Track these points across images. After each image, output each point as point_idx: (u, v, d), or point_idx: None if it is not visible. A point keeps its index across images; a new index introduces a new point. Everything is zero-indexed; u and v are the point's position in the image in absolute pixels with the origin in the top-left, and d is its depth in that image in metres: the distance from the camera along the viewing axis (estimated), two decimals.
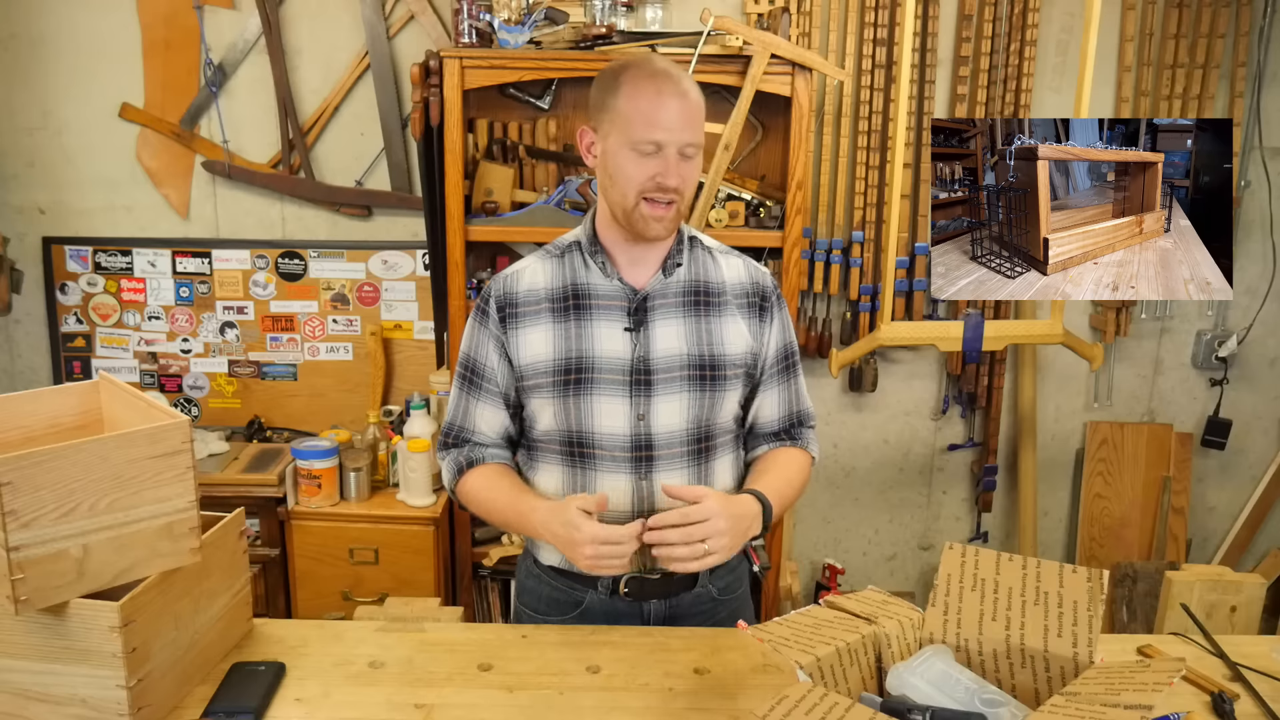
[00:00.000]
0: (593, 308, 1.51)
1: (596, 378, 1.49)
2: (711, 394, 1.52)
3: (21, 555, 1.17)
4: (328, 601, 2.68)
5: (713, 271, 1.57)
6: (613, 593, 1.56)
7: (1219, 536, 3.25)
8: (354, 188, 2.91)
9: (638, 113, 1.41)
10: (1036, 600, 1.23)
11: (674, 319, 1.52)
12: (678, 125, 1.41)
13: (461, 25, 2.44)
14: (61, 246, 2.96)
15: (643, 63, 1.46)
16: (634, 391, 1.50)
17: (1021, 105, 2.81)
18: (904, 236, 2.88)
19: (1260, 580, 1.89)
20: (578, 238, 1.57)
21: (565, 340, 1.51)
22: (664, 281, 1.53)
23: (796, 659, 1.15)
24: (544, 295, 1.53)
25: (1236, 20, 2.83)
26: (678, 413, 1.51)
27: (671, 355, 1.51)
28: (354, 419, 2.96)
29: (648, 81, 1.42)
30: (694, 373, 1.51)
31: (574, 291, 1.52)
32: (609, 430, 1.50)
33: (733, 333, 1.55)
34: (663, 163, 1.42)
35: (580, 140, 1.52)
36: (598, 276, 1.52)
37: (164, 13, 2.79)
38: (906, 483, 3.20)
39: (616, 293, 1.52)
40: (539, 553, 1.62)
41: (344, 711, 1.32)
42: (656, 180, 1.42)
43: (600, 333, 1.50)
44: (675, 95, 1.42)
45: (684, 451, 1.53)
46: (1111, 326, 3.01)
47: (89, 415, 1.50)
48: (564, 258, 1.55)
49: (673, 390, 1.51)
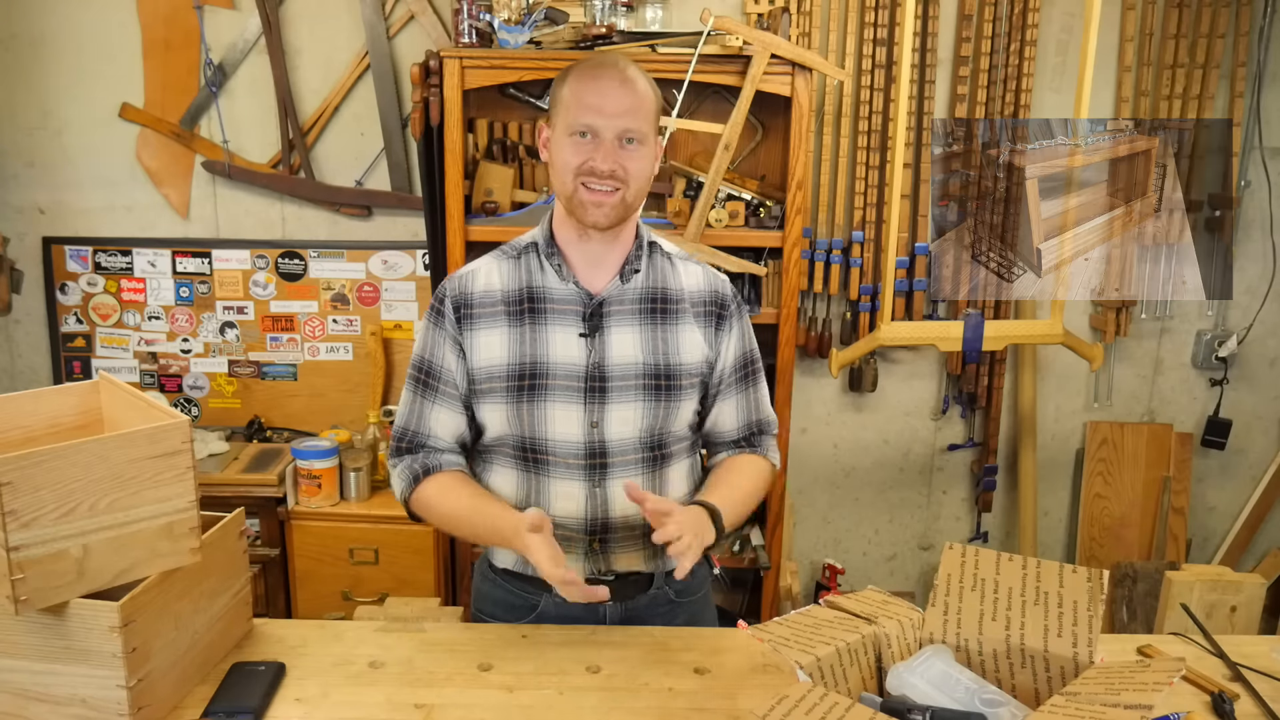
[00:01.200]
0: (548, 312, 1.49)
1: (551, 384, 1.47)
2: (666, 403, 1.51)
3: (21, 555, 1.17)
4: (328, 601, 2.68)
5: (671, 279, 1.54)
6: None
7: (1219, 536, 3.25)
8: (354, 188, 2.91)
9: (575, 98, 1.41)
10: (1036, 600, 1.23)
11: (630, 326, 1.50)
12: (615, 110, 1.40)
13: (461, 25, 2.43)
14: (61, 246, 2.96)
15: (594, 60, 1.46)
16: (589, 399, 1.48)
17: (1021, 105, 2.81)
18: (904, 236, 2.88)
19: (1260, 580, 1.89)
20: (535, 238, 1.54)
21: (520, 345, 1.48)
22: (621, 287, 1.51)
23: (796, 659, 1.15)
24: (499, 297, 1.50)
25: (1236, 20, 2.83)
26: (632, 421, 1.49)
27: (627, 363, 1.49)
28: (354, 419, 2.96)
29: (590, 69, 1.43)
30: (649, 381, 1.50)
31: (529, 295, 1.50)
32: (562, 437, 1.48)
33: (689, 342, 1.53)
34: (597, 146, 1.41)
35: (539, 137, 1.51)
36: (553, 280, 1.50)
37: (164, 13, 2.79)
38: (906, 483, 3.20)
39: (572, 297, 1.49)
40: (493, 556, 1.61)
41: (344, 711, 1.32)
42: (589, 164, 1.41)
43: (555, 338, 1.48)
44: (615, 81, 1.41)
45: (638, 459, 1.51)
46: (1111, 326, 3.01)
47: (89, 415, 1.50)
48: (520, 259, 1.52)
49: (627, 398, 1.49)
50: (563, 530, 1.50)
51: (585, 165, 1.41)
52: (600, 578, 1.53)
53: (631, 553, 1.54)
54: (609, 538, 1.52)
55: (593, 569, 1.53)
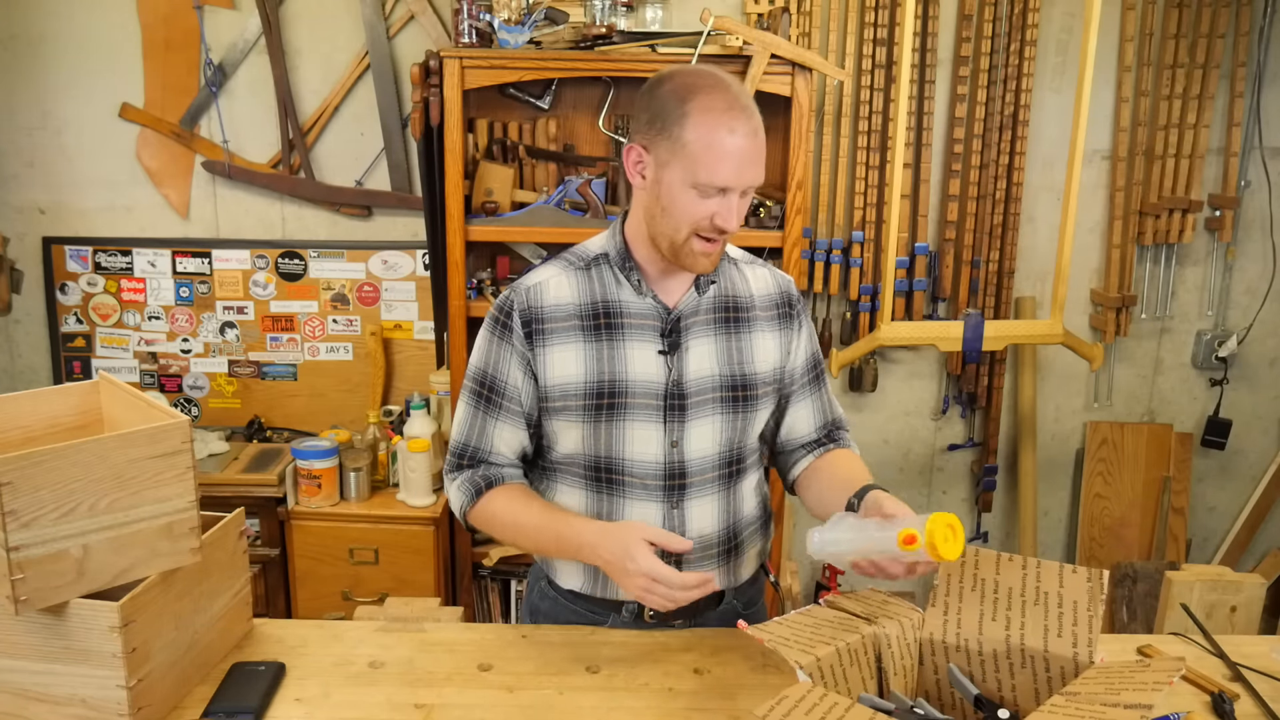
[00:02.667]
0: (625, 327, 1.42)
1: (630, 403, 1.42)
2: (743, 415, 1.47)
3: (21, 555, 1.17)
4: (328, 601, 2.68)
5: (740, 284, 1.50)
6: (636, 617, 1.52)
7: (1219, 536, 3.25)
8: (354, 188, 2.91)
9: (707, 152, 1.29)
10: (1036, 600, 1.23)
11: (706, 338, 1.45)
12: (747, 167, 1.31)
13: (461, 25, 2.43)
14: (61, 246, 2.96)
15: (712, 89, 1.30)
16: (668, 417, 1.43)
17: (1021, 105, 2.81)
18: (904, 236, 2.88)
19: (1260, 580, 1.89)
20: (605, 249, 1.46)
21: (597, 362, 1.41)
22: (697, 300, 1.45)
23: (796, 659, 1.15)
24: (573, 311, 1.42)
25: (1236, 20, 2.82)
26: (710, 437, 1.45)
27: (703, 377, 1.44)
28: (354, 419, 2.96)
29: (721, 118, 1.28)
30: (725, 394, 1.45)
31: (605, 309, 1.43)
32: (641, 458, 1.43)
33: (762, 348, 1.49)
34: (726, 204, 1.32)
35: (627, 156, 1.38)
36: (629, 293, 1.43)
37: (164, 13, 2.79)
38: (906, 483, 3.20)
39: (649, 312, 1.43)
40: (556, 575, 1.55)
41: (344, 711, 1.32)
42: (715, 222, 1.33)
43: (634, 355, 1.42)
44: (748, 135, 1.29)
45: (715, 477, 1.48)
46: (1111, 326, 3.01)
47: (89, 415, 1.50)
48: (590, 271, 1.45)
49: (704, 414, 1.44)
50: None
51: (711, 223, 1.33)
52: None
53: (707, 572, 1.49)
54: (685, 558, 1.48)
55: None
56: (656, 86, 1.36)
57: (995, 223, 2.91)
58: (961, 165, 2.87)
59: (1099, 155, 2.94)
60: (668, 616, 1.52)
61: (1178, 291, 3.06)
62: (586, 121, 2.74)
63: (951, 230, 2.93)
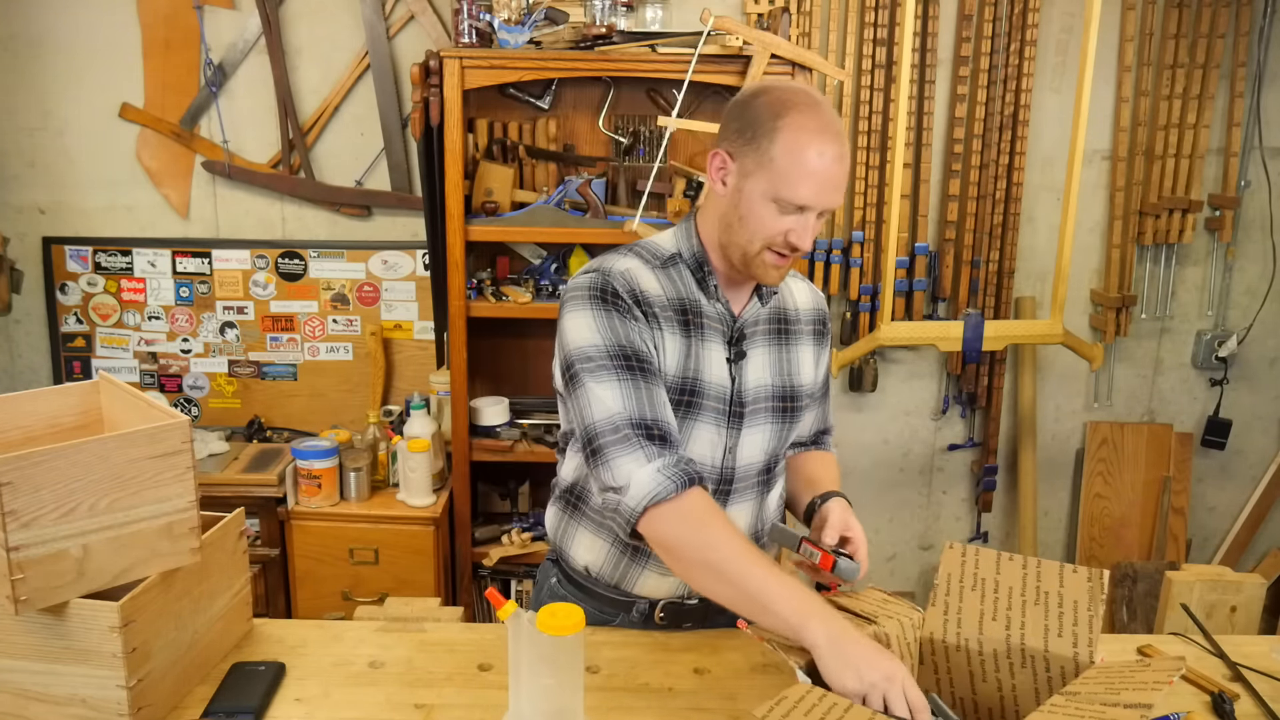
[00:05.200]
0: (705, 328, 1.42)
1: (704, 404, 1.41)
2: (788, 425, 1.50)
3: (21, 555, 1.17)
4: (328, 601, 2.68)
5: (788, 298, 1.52)
6: (646, 618, 1.52)
7: (1219, 536, 3.25)
8: (354, 188, 2.91)
9: (795, 170, 1.28)
10: (1037, 600, 1.23)
11: (763, 348, 1.47)
12: (829, 190, 1.31)
13: (461, 25, 2.43)
14: (61, 246, 2.96)
15: (807, 108, 1.30)
16: (730, 424, 1.44)
17: (1021, 105, 2.81)
18: (904, 236, 2.88)
19: (1260, 580, 1.89)
20: (678, 249, 1.44)
21: (685, 358, 1.40)
22: (758, 309, 1.47)
23: (796, 659, 1.15)
24: (665, 303, 1.40)
25: (1236, 20, 2.83)
26: (759, 445, 1.47)
27: (760, 386, 1.46)
28: (354, 419, 2.96)
29: (813, 139, 1.28)
30: (776, 404, 1.47)
31: (689, 307, 1.41)
32: (699, 459, 1.42)
33: (805, 361, 1.52)
34: (803, 222, 1.32)
35: (711, 161, 1.37)
36: (704, 297, 1.43)
37: (164, 13, 2.79)
38: (906, 483, 3.20)
39: (720, 318, 1.43)
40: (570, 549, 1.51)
41: (344, 711, 1.32)
42: (790, 239, 1.33)
43: (711, 357, 1.42)
44: (835, 160, 1.29)
45: (755, 484, 1.49)
46: (1111, 326, 3.01)
47: (89, 415, 1.49)
48: (668, 269, 1.43)
49: (758, 423, 1.46)
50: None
51: (786, 240, 1.33)
52: (686, 601, 1.51)
53: None
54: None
55: (686, 592, 1.50)
56: (752, 98, 1.34)
57: (995, 223, 2.91)
58: (961, 165, 2.87)
59: (1099, 155, 2.94)
60: (678, 620, 1.52)
61: (1178, 291, 3.06)
62: (586, 121, 2.74)
63: (951, 230, 2.93)
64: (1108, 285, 3.01)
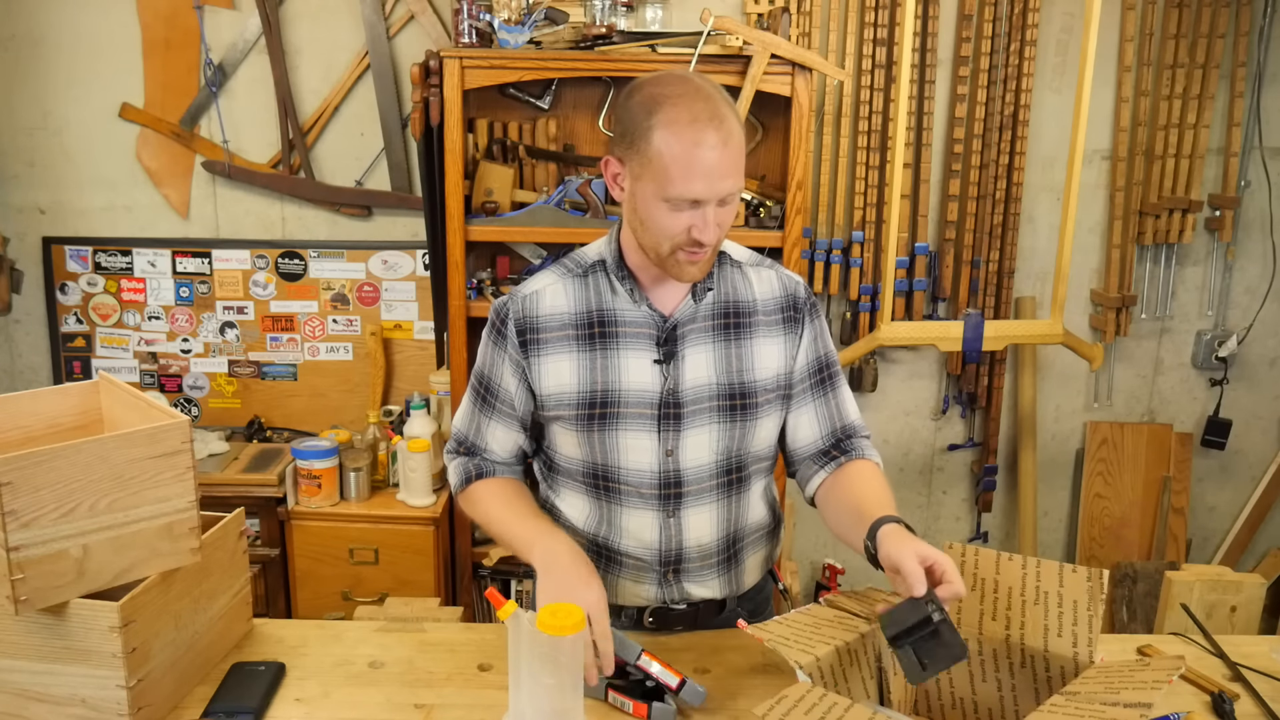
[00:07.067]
0: (619, 335, 1.41)
1: (623, 412, 1.41)
2: (743, 424, 1.44)
3: (21, 555, 1.17)
4: (328, 601, 2.68)
5: (743, 289, 1.46)
6: (636, 623, 1.52)
7: (1219, 536, 3.25)
8: (354, 188, 2.91)
9: (676, 167, 1.25)
10: (1036, 600, 1.23)
11: (703, 346, 1.43)
12: (718, 177, 1.26)
13: (461, 25, 2.44)
14: (61, 246, 2.96)
15: (678, 100, 1.26)
16: (662, 426, 1.42)
17: (1021, 105, 2.81)
18: (904, 236, 2.88)
19: (1260, 580, 1.89)
20: (602, 256, 1.44)
21: (590, 371, 1.41)
22: (694, 307, 1.43)
23: (796, 659, 1.15)
24: (567, 320, 1.42)
25: (1236, 20, 2.83)
26: (706, 446, 1.44)
27: (700, 386, 1.42)
28: (354, 419, 2.96)
29: (686, 130, 1.25)
30: (723, 403, 1.43)
31: (599, 318, 1.42)
32: (635, 466, 1.43)
33: (764, 355, 1.45)
34: (701, 216, 1.29)
35: (605, 169, 1.36)
36: (625, 302, 1.42)
37: (164, 13, 2.79)
38: (906, 483, 3.20)
39: (644, 320, 1.41)
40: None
41: (344, 711, 1.32)
42: (692, 235, 1.30)
43: (628, 364, 1.41)
44: (716, 146, 1.25)
45: (713, 485, 1.46)
46: (1111, 326, 3.01)
47: (89, 415, 1.50)
48: (587, 278, 1.43)
49: (701, 423, 1.43)
50: (635, 560, 1.48)
51: (688, 237, 1.30)
52: (672, 606, 1.51)
53: (706, 580, 1.50)
54: (683, 567, 1.48)
55: (666, 598, 1.50)
56: (627, 99, 1.33)
57: (995, 223, 2.91)
58: (961, 165, 2.87)
59: (1099, 155, 2.94)
60: (668, 624, 1.52)
61: (1178, 291, 3.06)
62: (586, 121, 2.74)
63: (951, 230, 2.93)
64: (1108, 285, 3.01)
